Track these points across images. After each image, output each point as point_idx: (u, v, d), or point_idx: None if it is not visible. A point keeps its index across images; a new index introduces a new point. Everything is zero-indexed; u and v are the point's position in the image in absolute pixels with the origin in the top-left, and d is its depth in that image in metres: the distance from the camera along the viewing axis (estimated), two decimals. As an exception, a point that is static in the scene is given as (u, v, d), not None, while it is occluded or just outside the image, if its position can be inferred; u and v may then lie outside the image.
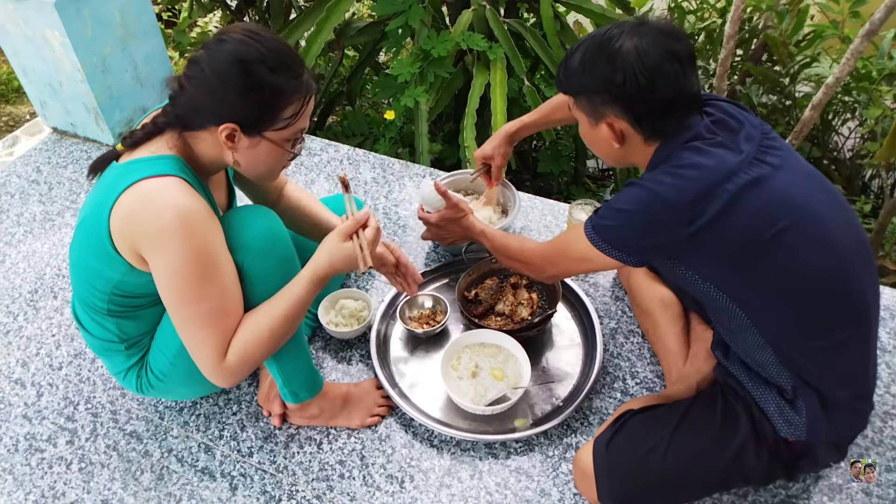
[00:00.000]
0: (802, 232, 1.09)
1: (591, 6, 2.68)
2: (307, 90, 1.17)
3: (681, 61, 1.11)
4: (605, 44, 1.12)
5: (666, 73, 1.10)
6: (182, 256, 1.11)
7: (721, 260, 1.12)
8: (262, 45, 1.12)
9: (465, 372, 1.55)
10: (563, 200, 2.29)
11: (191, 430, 1.55)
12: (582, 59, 1.15)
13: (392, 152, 2.63)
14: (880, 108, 2.48)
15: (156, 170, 1.13)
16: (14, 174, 2.38)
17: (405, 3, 2.49)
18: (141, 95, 2.53)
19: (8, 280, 1.96)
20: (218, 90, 1.12)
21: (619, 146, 1.20)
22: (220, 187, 1.38)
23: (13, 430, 1.57)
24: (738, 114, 1.19)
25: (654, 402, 1.37)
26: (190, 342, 1.19)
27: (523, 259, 1.43)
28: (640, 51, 1.09)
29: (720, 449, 1.24)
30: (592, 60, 1.14)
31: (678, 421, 1.28)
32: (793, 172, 1.12)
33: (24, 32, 2.25)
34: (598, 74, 1.13)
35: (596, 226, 1.19)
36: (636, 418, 1.32)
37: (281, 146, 1.20)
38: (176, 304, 1.16)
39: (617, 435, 1.29)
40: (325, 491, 1.43)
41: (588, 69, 1.14)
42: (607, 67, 1.11)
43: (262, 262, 1.23)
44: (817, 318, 1.14)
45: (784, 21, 2.77)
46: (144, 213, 1.11)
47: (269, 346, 1.23)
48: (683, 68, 1.11)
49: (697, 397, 1.34)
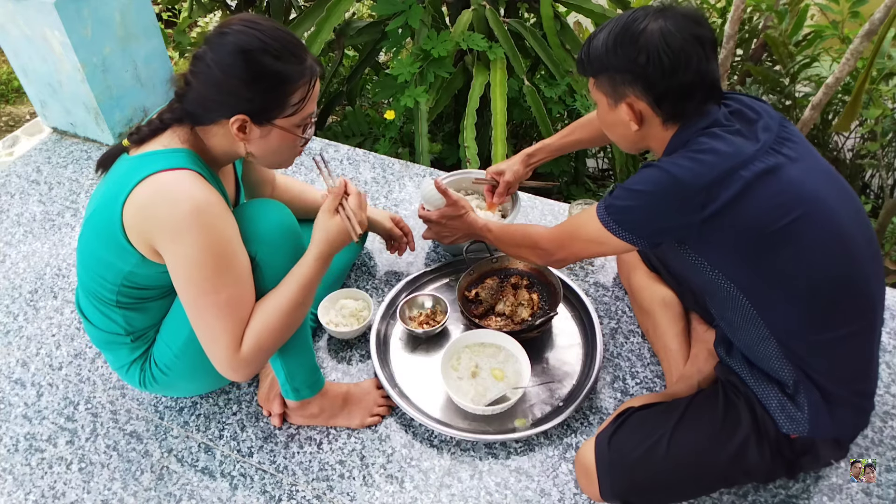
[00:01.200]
0: (814, 224, 1.10)
1: (591, 6, 2.68)
2: (312, 74, 1.18)
3: (703, 45, 1.12)
4: (630, 24, 1.13)
5: (689, 56, 1.11)
6: (198, 248, 1.12)
7: (731, 247, 1.12)
8: (264, 33, 1.12)
9: (465, 372, 1.55)
10: (563, 200, 2.29)
11: (191, 430, 1.55)
12: (606, 39, 1.16)
13: (392, 152, 2.63)
14: (880, 108, 2.48)
15: (170, 163, 1.14)
16: (14, 174, 2.38)
17: (405, 3, 2.49)
18: (141, 95, 2.53)
19: (8, 280, 1.96)
20: (225, 83, 1.13)
21: (638, 128, 1.20)
22: (229, 180, 1.39)
23: (13, 430, 1.57)
24: (757, 105, 1.19)
25: (655, 401, 1.37)
26: (205, 334, 1.20)
27: (531, 244, 1.42)
28: (665, 32, 1.11)
29: (722, 445, 1.24)
30: (617, 40, 1.15)
31: (680, 416, 1.28)
32: (807, 165, 1.13)
33: (24, 32, 2.25)
34: (621, 54, 1.14)
35: (609, 206, 1.19)
36: (638, 414, 1.32)
37: (292, 132, 1.21)
38: (192, 296, 1.17)
39: (619, 431, 1.29)
40: (325, 491, 1.43)
41: (612, 49, 1.15)
42: (631, 47, 1.12)
43: (275, 253, 1.25)
44: (823, 312, 1.14)
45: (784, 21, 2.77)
46: (160, 206, 1.12)
47: (282, 333, 1.24)
48: (706, 52, 1.13)
49: (699, 394, 1.34)
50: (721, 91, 1.19)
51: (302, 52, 1.17)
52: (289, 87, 1.16)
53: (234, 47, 1.11)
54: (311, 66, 1.18)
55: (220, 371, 1.22)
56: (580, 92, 2.65)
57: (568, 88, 2.66)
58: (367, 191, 2.22)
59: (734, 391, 1.30)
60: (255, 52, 1.11)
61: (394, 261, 1.94)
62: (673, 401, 1.34)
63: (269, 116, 1.17)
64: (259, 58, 1.12)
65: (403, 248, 1.85)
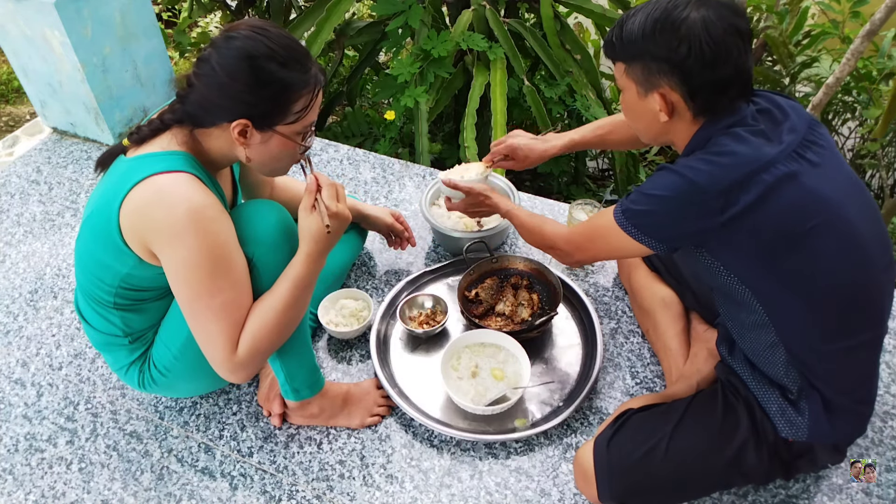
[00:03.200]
0: (832, 232, 1.08)
1: (591, 6, 2.68)
2: (316, 83, 1.19)
3: (743, 38, 1.09)
4: (672, 11, 1.08)
5: (728, 49, 1.07)
6: (195, 251, 1.12)
7: (749, 251, 1.11)
8: (271, 40, 1.13)
9: (465, 372, 1.55)
10: (563, 200, 2.29)
11: (191, 430, 1.55)
12: (643, 24, 1.11)
13: (392, 152, 2.63)
14: (880, 108, 2.48)
15: (167, 165, 1.14)
16: (14, 174, 2.38)
17: (405, 3, 2.49)
18: (141, 95, 2.53)
19: (8, 280, 1.96)
20: (229, 87, 1.13)
21: (667, 119, 1.16)
22: (226, 183, 1.39)
23: (13, 430, 1.57)
24: (786, 105, 1.17)
25: (654, 402, 1.37)
26: (202, 336, 1.20)
27: (549, 244, 1.41)
28: (707, 22, 1.07)
29: (720, 448, 1.24)
30: (656, 27, 1.09)
31: (678, 419, 1.27)
32: (830, 171, 1.11)
33: (24, 32, 2.25)
34: (661, 42, 1.09)
35: (626, 210, 1.17)
36: (637, 416, 1.32)
37: (293, 140, 1.21)
38: (189, 299, 1.17)
39: (617, 434, 1.29)
40: (325, 491, 1.43)
41: (650, 35, 1.10)
42: (672, 35, 1.08)
43: (272, 254, 1.25)
44: (836, 321, 1.13)
45: (784, 21, 2.77)
46: (157, 208, 1.12)
47: (278, 334, 1.24)
48: (745, 45, 1.09)
49: (698, 395, 1.34)
50: (752, 87, 1.16)
51: (308, 61, 1.17)
52: (292, 95, 1.16)
53: (241, 52, 1.11)
54: (315, 76, 1.18)
55: (218, 373, 1.23)
56: (580, 92, 2.65)
57: (568, 88, 2.66)
58: (367, 191, 2.22)
59: (734, 393, 1.30)
60: (261, 59, 1.12)
61: (394, 261, 1.94)
62: (672, 402, 1.34)
63: (270, 122, 1.17)
64: (265, 64, 1.12)
65: (405, 243, 1.85)
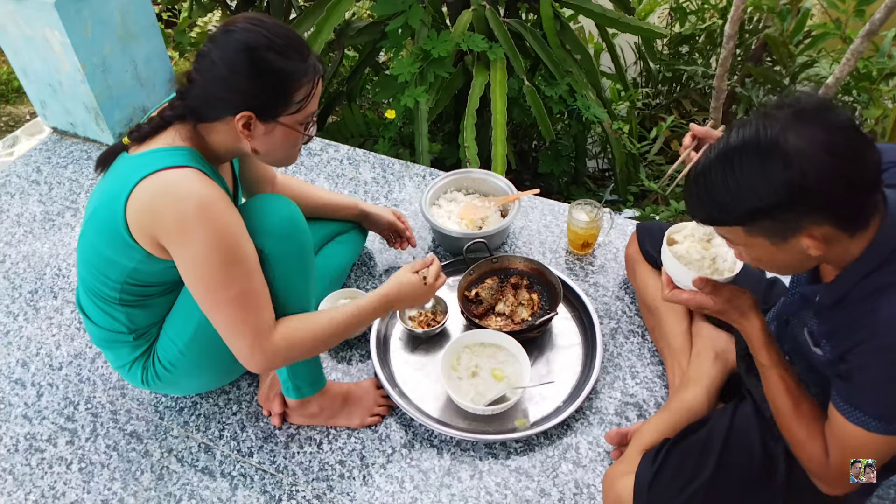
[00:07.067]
0: None
1: (591, 6, 2.68)
2: (316, 71, 1.20)
3: (858, 135, 0.95)
4: (771, 148, 0.93)
5: (854, 154, 0.93)
6: (207, 244, 1.13)
7: None
8: (268, 31, 1.13)
9: (465, 372, 1.55)
10: (563, 200, 2.29)
11: (191, 430, 1.55)
12: (739, 178, 0.96)
13: (392, 152, 2.63)
14: (880, 108, 2.48)
15: (173, 161, 1.15)
16: (14, 174, 2.38)
17: (405, 3, 2.49)
18: (141, 95, 2.53)
19: (8, 280, 1.96)
20: (230, 80, 1.13)
21: (822, 252, 0.99)
22: (227, 177, 1.40)
23: (13, 430, 1.57)
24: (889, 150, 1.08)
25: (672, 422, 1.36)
26: (226, 327, 1.21)
27: (804, 459, 1.17)
28: (821, 142, 0.92)
29: (756, 495, 1.23)
30: (762, 174, 0.94)
31: (716, 463, 1.26)
32: None
33: (24, 32, 2.25)
34: (776, 184, 0.93)
35: (884, 416, 1.00)
36: (675, 452, 1.29)
37: (296, 129, 1.22)
38: (205, 292, 1.18)
39: (658, 476, 1.27)
40: (325, 491, 1.43)
41: (759, 186, 0.94)
42: (787, 174, 0.92)
43: (282, 246, 1.26)
44: None
45: (785, 21, 2.77)
46: (165, 203, 1.12)
47: (317, 342, 1.29)
48: (864, 140, 0.95)
49: (733, 431, 1.29)
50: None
51: (305, 49, 1.18)
52: (293, 84, 1.16)
53: (240, 44, 1.12)
54: (314, 64, 1.19)
55: (242, 363, 1.23)
56: (580, 92, 2.65)
57: (568, 88, 2.66)
58: (367, 191, 2.23)
59: (772, 437, 1.26)
60: (260, 50, 1.12)
61: (394, 261, 1.94)
62: (707, 439, 1.30)
63: (273, 113, 1.18)
64: (264, 55, 1.12)
65: (405, 243, 1.86)
